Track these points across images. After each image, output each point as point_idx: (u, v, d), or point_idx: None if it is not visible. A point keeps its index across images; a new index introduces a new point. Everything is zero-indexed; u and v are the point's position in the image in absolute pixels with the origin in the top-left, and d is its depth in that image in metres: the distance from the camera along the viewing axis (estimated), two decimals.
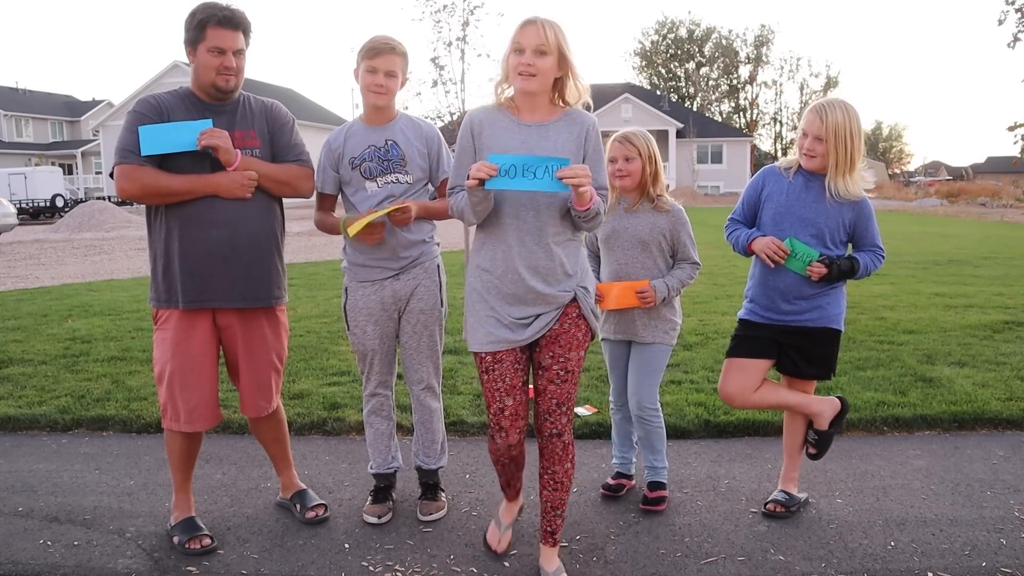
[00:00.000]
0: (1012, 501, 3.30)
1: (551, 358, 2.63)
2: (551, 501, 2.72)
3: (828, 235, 2.99)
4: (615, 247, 3.20)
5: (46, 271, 12.66)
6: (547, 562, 2.76)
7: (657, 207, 3.17)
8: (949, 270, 10.53)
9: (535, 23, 2.49)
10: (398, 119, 3.15)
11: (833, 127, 2.86)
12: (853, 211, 3.00)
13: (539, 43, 2.47)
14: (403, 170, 3.10)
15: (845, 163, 2.89)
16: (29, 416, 4.55)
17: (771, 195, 3.06)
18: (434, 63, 7.40)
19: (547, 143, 2.57)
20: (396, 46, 3.02)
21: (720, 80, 67.37)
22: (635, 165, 3.12)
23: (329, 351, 5.97)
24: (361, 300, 3.16)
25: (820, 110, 2.91)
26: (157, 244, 2.95)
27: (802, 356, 3.10)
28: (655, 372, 3.25)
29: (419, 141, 3.13)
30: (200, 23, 2.84)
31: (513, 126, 2.59)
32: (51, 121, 56.30)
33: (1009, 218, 24.71)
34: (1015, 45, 13.25)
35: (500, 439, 2.68)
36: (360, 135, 3.11)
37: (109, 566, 2.89)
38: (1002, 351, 5.65)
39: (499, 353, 2.62)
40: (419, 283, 3.16)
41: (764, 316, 3.11)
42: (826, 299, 3.05)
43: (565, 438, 2.66)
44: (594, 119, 2.63)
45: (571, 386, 2.66)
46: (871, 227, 3.05)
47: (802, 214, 2.98)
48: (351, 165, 3.09)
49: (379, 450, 3.35)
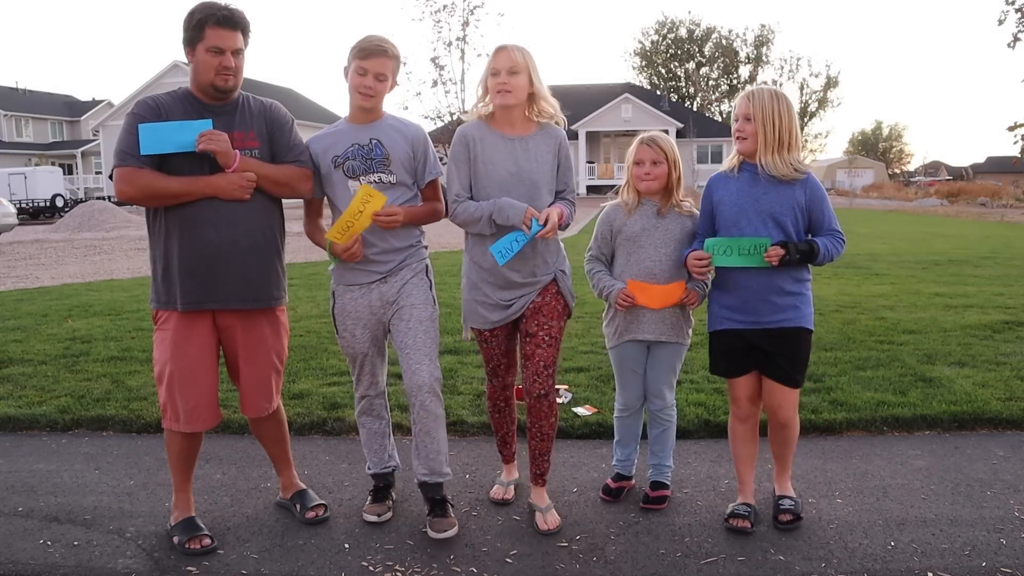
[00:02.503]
0: (1012, 501, 3.30)
1: (537, 326, 3.12)
2: (538, 449, 3.22)
3: (790, 223, 2.97)
4: (646, 245, 3.19)
5: (46, 271, 12.66)
6: (539, 499, 3.23)
7: (682, 210, 3.21)
8: (949, 270, 10.53)
9: (506, 49, 3.00)
10: (384, 119, 3.12)
11: (760, 105, 2.92)
12: (804, 192, 2.98)
13: (511, 65, 2.97)
14: (386, 169, 3.06)
15: (774, 141, 2.92)
16: (29, 416, 4.55)
17: (722, 199, 3.06)
18: (434, 63, 7.44)
19: (529, 154, 3.08)
20: (388, 48, 2.98)
21: (720, 80, 67.39)
22: (662, 169, 3.14)
23: (329, 351, 5.97)
24: (349, 304, 3.15)
25: (748, 93, 2.98)
26: (157, 246, 2.95)
27: (786, 360, 3.04)
28: (677, 371, 3.37)
29: (404, 141, 3.09)
30: (198, 23, 2.83)
31: (500, 141, 3.07)
32: (51, 121, 56.32)
33: (1009, 218, 24.71)
34: (1015, 45, 13.26)
35: (496, 382, 3.37)
36: (344, 133, 3.09)
37: (109, 566, 2.89)
38: (1002, 351, 5.65)
39: (495, 329, 3.20)
40: (407, 282, 3.12)
41: (740, 321, 3.07)
42: (801, 298, 3.03)
43: (550, 397, 3.14)
44: (562, 132, 3.19)
45: (555, 351, 3.15)
46: (826, 210, 3.02)
47: (756, 207, 2.98)
48: (333, 163, 3.06)
49: (374, 450, 3.34)
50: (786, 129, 2.93)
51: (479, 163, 3.06)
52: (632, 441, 3.45)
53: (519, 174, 3.05)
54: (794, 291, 3.01)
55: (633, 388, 3.35)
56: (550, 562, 2.87)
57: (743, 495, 3.22)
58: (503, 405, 3.44)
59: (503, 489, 3.44)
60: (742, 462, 3.25)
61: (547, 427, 3.18)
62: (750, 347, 3.07)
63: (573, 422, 4.27)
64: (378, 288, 3.11)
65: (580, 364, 5.39)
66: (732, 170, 3.09)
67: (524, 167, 3.06)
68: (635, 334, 3.25)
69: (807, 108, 65.03)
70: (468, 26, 20.84)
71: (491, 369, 3.35)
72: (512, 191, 3.02)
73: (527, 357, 3.13)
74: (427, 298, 3.15)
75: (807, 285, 3.06)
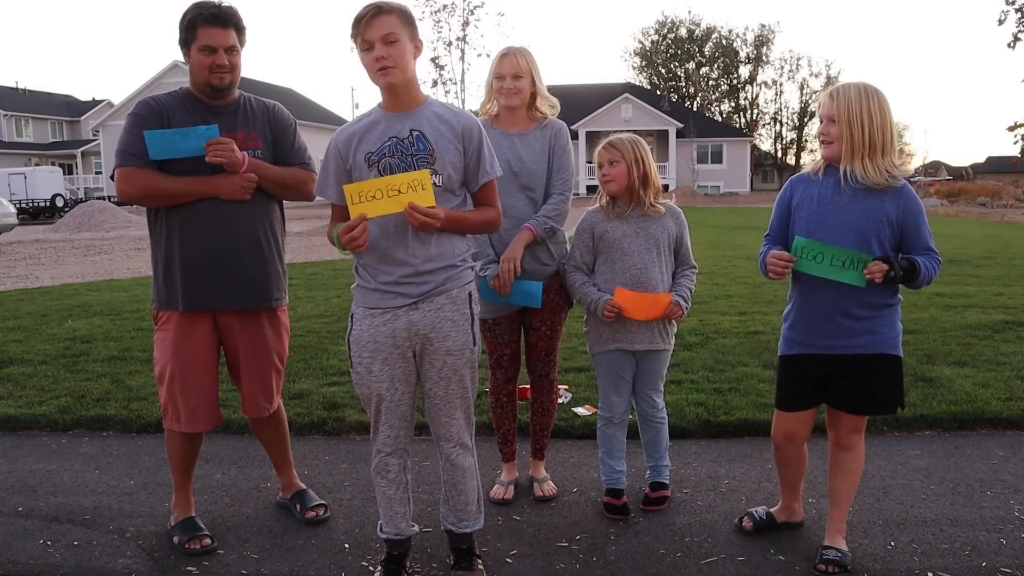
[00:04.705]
0: (1012, 501, 3.30)
1: (540, 321, 3.32)
2: (539, 424, 3.49)
3: (874, 239, 2.63)
4: (631, 251, 3.12)
5: (46, 271, 12.65)
6: (537, 472, 3.52)
7: (649, 211, 3.14)
8: (949, 270, 10.52)
9: (509, 55, 3.14)
10: (428, 104, 2.57)
11: (845, 105, 2.59)
12: (897, 205, 2.62)
13: (515, 70, 3.12)
14: (431, 167, 2.50)
15: (862, 146, 2.58)
16: (29, 416, 4.55)
17: (801, 203, 2.74)
18: (434, 63, 7.44)
19: (528, 148, 3.20)
20: (383, 5, 2.42)
21: (720, 80, 67.43)
22: (619, 169, 3.11)
23: (329, 351, 5.97)
24: (367, 331, 2.56)
25: (833, 91, 2.66)
26: (158, 246, 2.96)
27: (855, 387, 2.72)
28: (664, 374, 3.34)
29: (452, 134, 2.54)
30: (190, 23, 2.84)
31: (501, 137, 3.19)
32: (51, 121, 56.33)
33: (1009, 218, 24.71)
34: (1015, 45, 13.26)
35: (499, 375, 3.42)
36: (378, 124, 2.54)
37: (109, 566, 2.89)
38: (1002, 351, 5.64)
39: (499, 318, 3.28)
40: (443, 316, 2.56)
41: (808, 345, 2.75)
42: (880, 321, 2.68)
43: (551, 376, 3.43)
44: (560, 125, 3.27)
45: (556, 340, 3.40)
46: (922, 226, 2.64)
47: (838, 217, 2.64)
48: (367, 162, 2.51)
49: (389, 515, 2.76)
50: (878, 131, 2.58)
51: None
52: (620, 453, 3.30)
53: (517, 168, 3.18)
54: (871, 314, 2.68)
55: (622, 395, 3.26)
56: (550, 562, 2.87)
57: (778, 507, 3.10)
58: (505, 400, 3.46)
59: (503, 489, 3.44)
60: (784, 482, 3.04)
61: (548, 403, 3.46)
62: (818, 378, 2.76)
63: (573, 422, 4.27)
64: (406, 316, 2.54)
65: (580, 364, 5.39)
66: (816, 172, 2.74)
67: (522, 161, 3.19)
68: (623, 343, 3.18)
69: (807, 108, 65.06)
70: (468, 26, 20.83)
71: (495, 360, 3.39)
72: (510, 185, 3.15)
73: (531, 347, 3.38)
74: (466, 340, 2.60)
75: (893, 308, 2.72)
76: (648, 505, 3.29)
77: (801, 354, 2.79)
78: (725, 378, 5.03)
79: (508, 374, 3.41)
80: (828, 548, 2.80)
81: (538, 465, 3.53)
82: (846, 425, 2.81)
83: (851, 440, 2.82)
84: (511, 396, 3.47)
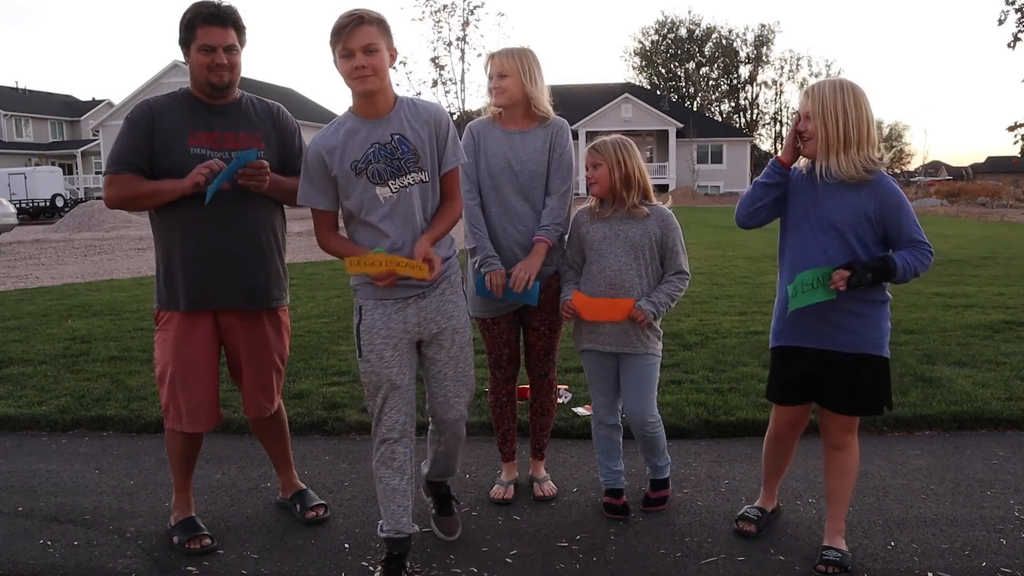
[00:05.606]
0: (1012, 501, 3.30)
1: (539, 321, 3.34)
2: (539, 424, 3.51)
3: (851, 235, 2.62)
4: (607, 253, 3.10)
5: (46, 271, 12.66)
6: (537, 471, 3.53)
7: (632, 212, 3.10)
8: (949, 270, 10.52)
9: (495, 56, 3.22)
10: (399, 107, 2.69)
11: (820, 101, 2.59)
12: (874, 199, 2.60)
13: (500, 70, 3.17)
14: (417, 167, 2.67)
15: (837, 140, 2.57)
16: (29, 416, 4.55)
17: (786, 198, 2.77)
18: (434, 63, 7.44)
19: (527, 146, 3.23)
20: (364, 14, 2.53)
21: (720, 80, 67.42)
22: (601, 171, 3.10)
23: (329, 351, 5.97)
24: (380, 320, 2.71)
25: (808, 88, 2.66)
26: (160, 247, 2.96)
27: (838, 385, 2.73)
28: (652, 384, 3.16)
29: (426, 130, 2.69)
30: (189, 22, 2.84)
31: (500, 135, 3.26)
32: (51, 121, 56.34)
33: (1009, 218, 24.71)
34: (1015, 45, 13.28)
35: (499, 374, 3.42)
36: (359, 133, 2.64)
37: (109, 566, 2.89)
38: (1002, 351, 5.64)
39: (497, 317, 3.31)
40: (446, 299, 2.79)
41: (793, 338, 2.79)
42: (864, 321, 2.69)
43: (550, 376, 3.46)
44: (563, 122, 3.31)
45: (556, 340, 3.41)
46: (903, 217, 2.61)
47: (816, 213, 2.66)
48: (355, 170, 2.63)
49: (391, 510, 2.78)
50: (853, 125, 2.56)
51: (481, 155, 3.25)
52: (616, 454, 3.27)
53: (515, 166, 3.22)
54: (856, 311, 2.68)
55: (604, 396, 3.23)
56: (550, 562, 2.87)
57: (761, 500, 3.14)
58: (505, 399, 3.48)
59: (503, 489, 3.45)
60: (771, 473, 3.10)
61: (548, 403, 3.49)
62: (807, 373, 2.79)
63: (573, 422, 4.27)
64: (416, 304, 2.73)
65: (580, 364, 5.37)
66: (802, 169, 2.76)
67: (520, 159, 3.22)
68: (594, 343, 3.17)
69: None
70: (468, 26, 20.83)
71: (494, 360, 3.41)
72: (509, 182, 3.22)
73: (530, 346, 3.41)
74: (467, 318, 2.88)
75: (879, 306, 2.72)
76: (648, 505, 3.29)
77: (788, 346, 2.83)
78: (725, 378, 5.03)
79: (507, 374, 3.43)
80: (828, 548, 2.81)
81: (538, 465, 3.55)
82: (836, 425, 2.81)
83: (843, 440, 2.82)
84: (511, 396, 3.49)
